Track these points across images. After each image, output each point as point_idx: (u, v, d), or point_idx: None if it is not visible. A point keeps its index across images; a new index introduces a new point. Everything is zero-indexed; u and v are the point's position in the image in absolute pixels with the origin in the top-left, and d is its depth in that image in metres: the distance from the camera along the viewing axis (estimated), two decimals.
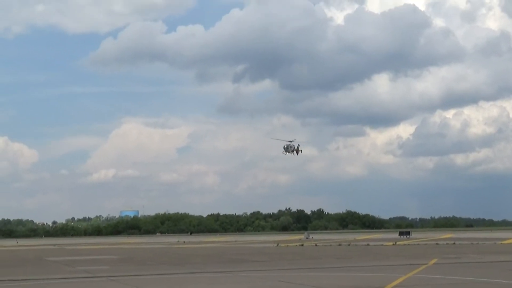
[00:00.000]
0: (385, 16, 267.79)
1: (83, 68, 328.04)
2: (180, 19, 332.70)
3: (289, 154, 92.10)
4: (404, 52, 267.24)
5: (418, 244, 68.65)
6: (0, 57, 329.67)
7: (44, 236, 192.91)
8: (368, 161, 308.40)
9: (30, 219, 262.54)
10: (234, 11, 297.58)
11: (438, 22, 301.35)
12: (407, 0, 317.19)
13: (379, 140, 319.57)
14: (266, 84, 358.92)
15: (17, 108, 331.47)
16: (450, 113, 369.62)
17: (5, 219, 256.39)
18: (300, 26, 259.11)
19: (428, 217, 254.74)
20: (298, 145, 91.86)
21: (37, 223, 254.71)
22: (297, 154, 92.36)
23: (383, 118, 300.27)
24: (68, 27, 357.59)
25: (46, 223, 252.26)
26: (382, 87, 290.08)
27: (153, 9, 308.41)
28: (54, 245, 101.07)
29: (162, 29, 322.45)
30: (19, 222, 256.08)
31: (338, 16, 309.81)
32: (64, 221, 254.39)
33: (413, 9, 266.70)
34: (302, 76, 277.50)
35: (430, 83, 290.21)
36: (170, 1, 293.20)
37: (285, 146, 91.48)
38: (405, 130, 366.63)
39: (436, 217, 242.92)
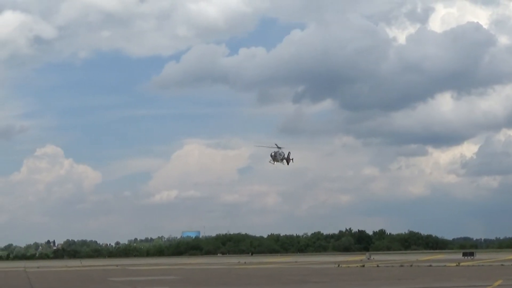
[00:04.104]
0: (447, 35, 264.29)
1: (146, 91, 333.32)
2: (242, 41, 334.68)
3: (278, 163, 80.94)
4: (468, 70, 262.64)
5: (482, 265, 67.18)
6: (67, 81, 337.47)
7: (107, 257, 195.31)
8: (430, 181, 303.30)
9: (93, 240, 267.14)
10: (295, 32, 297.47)
11: (503, 40, 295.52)
12: (470, 18, 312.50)
13: (441, 159, 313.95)
14: (326, 104, 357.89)
15: (82, 131, 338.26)
16: None
17: (70, 240, 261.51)
18: (362, 46, 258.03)
19: (493, 237, 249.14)
20: (289, 152, 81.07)
21: (101, 243, 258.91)
22: (288, 163, 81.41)
23: (446, 137, 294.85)
24: (132, 51, 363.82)
25: (109, 244, 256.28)
26: (445, 106, 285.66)
27: (215, 32, 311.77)
28: (117, 265, 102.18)
29: (224, 51, 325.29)
30: (83, 243, 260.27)
31: (400, 36, 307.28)
32: (126, 242, 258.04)
33: (477, 27, 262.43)
34: (363, 96, 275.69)
35: (494, 101, 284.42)
36: (232, 24, 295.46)
37: (273, 154, 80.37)
38: (468, 149, 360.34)
39: (501, 238, 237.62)
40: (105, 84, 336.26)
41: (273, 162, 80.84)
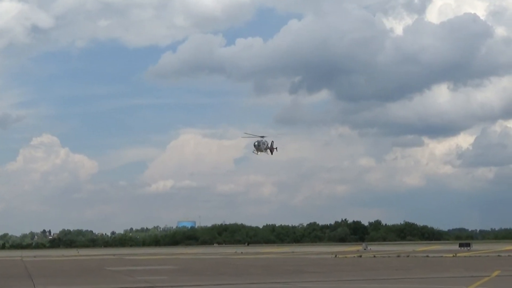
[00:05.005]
0: (445, 26, 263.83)
1: (143, 81, 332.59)
2: (239, 31, 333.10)
3: (262, 153, 78.17)
4: (464, 62, 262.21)
5: (479, 256, 67.38)
6: (64, 71, 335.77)
7: (103, 246, 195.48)
8: (426, 172, 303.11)
9: (89, 229, 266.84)
10: (292, 22, 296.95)
11: (500, 31, 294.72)
12: (467, 9, 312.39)
13: (437, 150, 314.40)
14: (323, 95, 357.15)
15: (79, 120, 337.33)
16: (511, 123, 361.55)
17: (66, 229, 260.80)
18: (359, 37, 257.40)
19: (488, 228, 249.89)
20: (272, 141, 78.41)
21: (97, 233, 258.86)
22: (272, 152, 78.60)
23: (442, 128, 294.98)
24: (129, 41, 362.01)
25: (105, 234, 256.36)
26: (441, 97, 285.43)
27: (213, 22, 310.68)
28: (114, 255, 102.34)
29: (221, 41, 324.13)
30: (79, 232, 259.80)
31: (397, 27, 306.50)
32: (122, 232, 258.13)
33: (474, 18, 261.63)
34: (360, 86, 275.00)
35: (491, 92, 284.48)
36: (229, 14, 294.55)
37: (256, 143, 77.43)
38: (464, 140, 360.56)
39: (496, 229, 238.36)
40: (102, 74, 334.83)
41: (256, 152, 78.30)
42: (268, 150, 78.00)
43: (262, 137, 77.53)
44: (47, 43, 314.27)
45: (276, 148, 78.87)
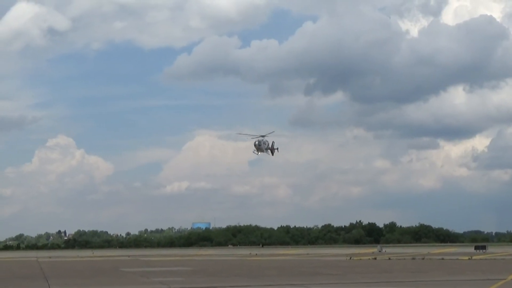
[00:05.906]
0: (460, 28, 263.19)
1: (158, 83, 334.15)
2: (255, 33, 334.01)
3: (263, 153, 76.14)
4: (480, 63, 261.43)
5: (495, 258, 67.00)
6: (80, 72, 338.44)
7: (118, 247, 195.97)
8: (441, 174, 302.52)
9: (104, 230, 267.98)
10: (307, 24, 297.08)
11: None
12: (483, 11, 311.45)
13: (453, 152, 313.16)
14: (338, 97, 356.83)
15: (94, 122, 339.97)
16: None
17: (81, 230, 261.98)
18: (374, 39, 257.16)
19: (504, 231, 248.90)
20: (273, 142, 76.60)
21: (112, 234, 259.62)
22: (273, 153, 77.00)
23: (458, 130, 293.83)
24: (144, 42, 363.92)
25: (120, 235, 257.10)
26: (457, 99, 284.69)
27: (228, 24, 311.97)
28: (129, 256, 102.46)
29: (237, 43, 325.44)
30: (94, 233, 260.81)
31: (413, 29, 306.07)
32: (137, 233, 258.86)
33: (490, 20, 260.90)
34: (375, 88, 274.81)
35: (506, 94, 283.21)
36: (245, 16, 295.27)
37: (257, 143, 75.14)
38: (480, 142, 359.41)
39: None
40: (117, 75, 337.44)
41: (257, 153, 76.39)
42: (269, 151, 76.73)
43: (263, 136, 76.05)
44: (63, 45, 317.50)
45: (277, 148, 77.86)
